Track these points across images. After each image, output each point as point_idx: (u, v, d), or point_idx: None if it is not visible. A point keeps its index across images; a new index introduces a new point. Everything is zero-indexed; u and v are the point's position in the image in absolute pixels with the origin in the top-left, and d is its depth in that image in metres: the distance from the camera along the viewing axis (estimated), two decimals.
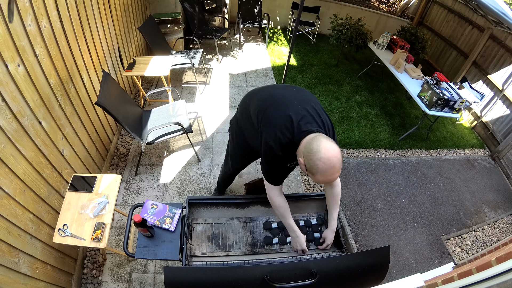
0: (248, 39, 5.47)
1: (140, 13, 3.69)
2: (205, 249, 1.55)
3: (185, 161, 2.89)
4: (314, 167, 1.15)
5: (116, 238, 2.23)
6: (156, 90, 3.10)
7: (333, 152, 1.13)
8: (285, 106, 1.34)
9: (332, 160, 1.12)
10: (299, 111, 1.31)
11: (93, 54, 2.32)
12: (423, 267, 2.48)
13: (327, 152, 1.13)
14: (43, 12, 1.60)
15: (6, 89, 1.32)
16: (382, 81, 4.87)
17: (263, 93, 1.54)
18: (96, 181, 1.83)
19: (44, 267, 1.61)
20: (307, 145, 1.19)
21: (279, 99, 1.39)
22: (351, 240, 2.53)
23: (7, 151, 1.35)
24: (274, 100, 1.40)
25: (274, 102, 1.39)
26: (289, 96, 1.40)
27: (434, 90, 3.31)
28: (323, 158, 1.12)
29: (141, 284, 2.01)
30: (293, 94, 1.43)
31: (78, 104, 2.09)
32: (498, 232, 3.00)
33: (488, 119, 4.16)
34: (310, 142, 1.18)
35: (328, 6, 5.71)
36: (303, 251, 1.55)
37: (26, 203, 1.49)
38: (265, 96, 1.48)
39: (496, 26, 4.03)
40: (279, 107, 1.35)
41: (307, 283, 1.24)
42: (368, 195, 2.96)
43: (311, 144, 1.17)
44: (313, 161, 1.15)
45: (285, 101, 1.37)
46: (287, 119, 1.28)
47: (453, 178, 3.43)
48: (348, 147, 3.49)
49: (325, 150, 1.13)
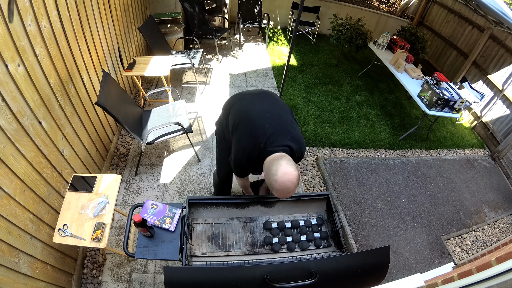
0: (248, 39, 5.47)
1: (140, 13, 3.69)
2: (205, 249, 1.55)
3: (185, 161, 2.89)
4: (271, 186, 1.31)
5: (116, 238, 2.23)
6: (156, 90, 3.10)
7: (288, 177, 1.24)
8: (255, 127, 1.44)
9: (286, 183, 1.25)
10: (268, 131, 1.40)
11: (93, 54, 2.32)
12: (423, 267, 2.48)
13: (283, 176, 1.25)
14: (43, 12, 1.60)
15: (6, 89, 1.32)
16: (382, 81, 4.87)
17: (241, 104, 1.61)
18: (96, 181, 1.83)
19: (44, 267, 1.61)
20: (268, 165, 1.33)
21: (252, 116, 1.48)
22: (351, 240, 2.53)
23: (7, 151, 1.35)
24: (248, 117, 1.50)
25: (248, 119, 1.49)
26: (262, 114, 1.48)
27: (434, 90, 3.31)
28: (278, 181, 1.25)
29: (141, 284, 2.01)
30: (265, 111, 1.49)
31: (78, 104, 2.09)
32: (498, 232, 3.00)
33: (488, 119, 4.16)
34: (271, 163, 1.31)
35: (328, 6, 5.71)
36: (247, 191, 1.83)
37: (26, 203, 1.49)
38: (241, 110, 1.56)
39: (496, 26, 4.03)
40: (250, 126, 1.45)
41: (307, 283, 1.24)
42: (368, 195, 2.96)
43: (271, 165, 1.30)
44: (270, 181, 1.30)
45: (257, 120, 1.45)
46: (256, 139, 1.39)
47: (453, 178, 3.43)
48: (348, 147, 3.49)
49: (282, 174, 1.25)
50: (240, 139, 1.48)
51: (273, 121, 1.44)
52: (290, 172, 1.25)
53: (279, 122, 1.45)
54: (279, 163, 1.28)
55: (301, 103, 3.97)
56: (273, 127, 1.42)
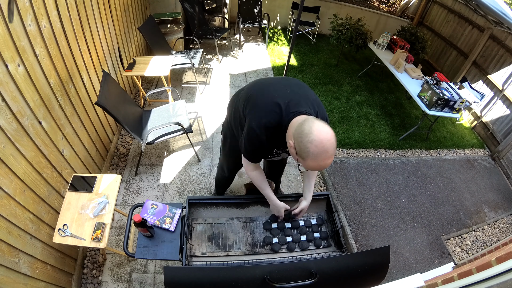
0: (248, 39, 5.47)
1: (140, 13, 3.69)
2: (205, 249, 1.55)
3: (185, 161, 2.89)
4: (305, 151, 1.06)
5: (116, 238, 2.23)
6: (156, 90, 3.10)
7: (326, 135, 1.04)
8: (272, 90, 1.28)
9: (325, 143, 1.03)
10: (287, 94, 1.24)
11: (93, 54, 2.32)
12: (423, 267, 2.48)
13: (320, 135, 1.03)
14: (43, 12, 1.60)
15: (6, 89, 1.32)
16: (382, 81, 4.87)
17: (249, 85, 1.51)
18: (96, 181, 1.83)
19: (44, 267, 1.61)
20: (298, 126, 1.10)
21: (265, 85, 1.36)
22: (351, 240, 2.53)
23: (7, 151, 1.35)
24: (260, 86, 1.36)
25: (260, 88, 1.35)
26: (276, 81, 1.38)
27: (434, 90, 3.31)
28: (315, 141, 1.03)
29: (141, 284, 2.01)
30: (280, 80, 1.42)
31: (78, 104, 2.09)
32: (498, 232, 3.00)
33: (488, 119, 4.16)
34: (302, 123, 1.09)
35: (328, 6, 5.71)
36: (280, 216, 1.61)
37: (26, 203, 1.49)
38: (252, 86, 1.44)
39: (496, 26, 4.03)
40: (264, 92, 1.30)
41: (307, 283, 1.24)
42: (368, 195, 2.96)
43: (302, 125, 1.08)
44: (303, 144, 1.05)
45: (271, 86, 1.32)
46: (274, 102, 1.21)
47: (453, 178, 3.43)
48: (348, 147, 3.49)
49: (318, 132, 1.04)
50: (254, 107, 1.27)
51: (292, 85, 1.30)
52: (327, 130, 1.05)
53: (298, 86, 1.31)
54: (312, 121, 1.07)
55: None
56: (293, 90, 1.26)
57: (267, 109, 1.22)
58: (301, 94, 1.26)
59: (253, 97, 1.31)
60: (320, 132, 1.04)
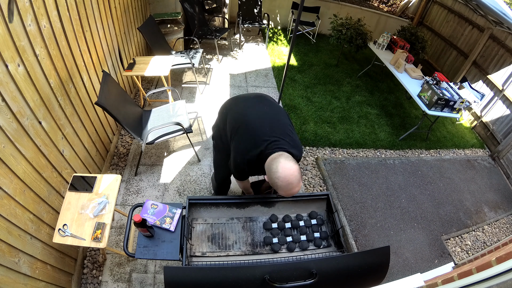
0: (248, 39, 5.47)
1: (140, 13, 3.69)
2: (205, 249, 1.55)
3: (185, 161, 2.89)
4: (275, 184, 1.31)
5: (116, 238, 2.23)
6: (156, 90, 3.10)
7: (289, 171, 1.27)
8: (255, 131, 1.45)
9: (288, 178, 1.26)
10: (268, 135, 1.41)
11: (93, 54, 2.32)
12: (423, 267, 2.48)
13: (284, 171, 1.27)
14: (43, 12, 1.60)
15: (6, 89, 1.32)
16: (382, 81, 4.87)
17: (238, 109, 1.60)
18: (96, 181, 1.83)
19: (44, 267, 1.61)
20: (268, 165, 1.34)
21: (252, 121, 1.49)
22: (351, 240, 2.53)
23: (7, 151, 1.34)
24: (247, 121, 1.49)
25: (247, 123, 1.49)
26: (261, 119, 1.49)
27: (434, 90, 3.31)
28: (280, 177, 1.27)
29: (141, 284, 2.01)
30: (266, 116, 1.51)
31: (78, 104, 2.09)
32: (498, 232, 3.00)
33: (488, 119, 4.16)
34: (271, 162, 1.33)
35: (328, 6, 5.71)
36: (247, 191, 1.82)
37: (26, 203, 1.49)
38: (240, 114, 1.56)
39: (496, 26, 4.03)
40: (250, 130, 1.46)
41: (307, 283, 1.24)
42: (368, 195, 2.96)
43: (271, 164, 1.32)
44: (273, 180, 1.31)
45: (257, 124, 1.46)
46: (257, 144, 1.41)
47: (453, 178, 3.43)
48: (348, 147, 3.49)
49: (282, 170, 1.27)
50: (239, 144, 1.49)
51: (273, 126, 1.46)
52: (290, 167, 1.28)
53: (278, 126, 1.47)
54: (278, 161, 1.30)
55: (301, 103, 3.97)
56: (273, 130, 1.43)
57: (251, 147, 1.43)
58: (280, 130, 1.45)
59: (240, 132, 1.48)
60: (284, 169, 1.28)
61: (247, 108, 1.57)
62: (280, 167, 1.28)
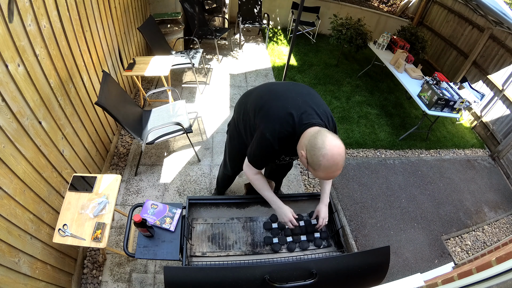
0: (248, 39, 5.47)
1: (140, 13, 3.69)
2: (205, 249, 1.55)
3: (185, 161, 2.89)
4: (317, 163, 1.12)
5: (116, 238, 2.23)
6: (156, 90, 3.10)
7: (337, 150, 1.09)
8: (284, 99, 1.31)
9: (336, 157, 1.09)
10: (299, 104, 1.27)
11: (93, 54, 2.32)
12: (423, 267, 2.48)
13: (332, 149, 1.08)
14: (43, 12, 1.60)
15: (6, 89, 1.32)
16: (382, 81, 4.87)
17: (260, 89, 1.51)
18: (96, 181, 1.83)
19: (44, 267, 1.61)
20: (311, 139, 1.15)
21: (277, 93, 1.37)
22: (351, 240, 2.53)
23: (7, 151, 1.35)
24: (273, 94, 1.37)
25: (273, 96, 1.36)
26: (287, 90, 1.38)
27: (434, 90, 3.31)
28: (327, 155, 1.09)
29: (141, 284, 2.01)
30: (291, 88, 1.41)
31: (78, 104, 2.09)
32: (498, 232, 3.00)
33: (488, 119, 4.16)
34: (315, 136, 1.14)
35: (328, 6, 5.71)
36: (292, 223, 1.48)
37: (26, 203, 1.49)
38: (263, 92, 1.45)
39: (496, 26, 4.03)
40: (277, 101, 1.32)
41: (307, 283, 1.24)
42: (368, 195, 2.96)
43: (315, 138, 1.13)
44: (316, 157, 1.11)
45: (284, 95, 1.34)
46: (287, 112, 1.24)
47: (453, 178, 3.43)
48: (348, 147, 3.49)
49: (330, 147, 1.09)
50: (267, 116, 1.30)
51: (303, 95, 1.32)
52: (339, 144, 1.10)
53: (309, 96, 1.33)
54: (324, 135, 1.12)
55: None
56: (304, 100, 1.29)
57: (281, 119, 1.25)
58: (313, 104, 1.29)
59: (266, 106, 1.32)
60: (332, 146, 1.09)
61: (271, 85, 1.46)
62: (328, 143, 1.09)
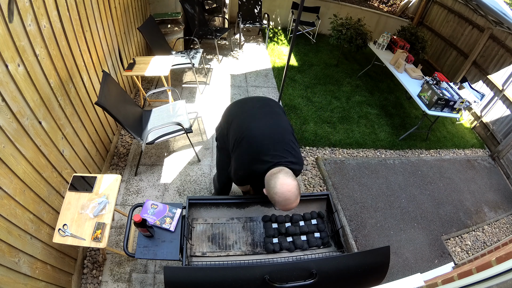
0: (248, 39, 5.47)
1: (140, 13, 3.69)
2: (205, 249, 1.55)
3: (185, 161, 2.89)
4: (273, 199, 1.34)
5: (116, 238, 2.23)
6: (156, 90, 3.10)
7: (287, 187, 1.29)
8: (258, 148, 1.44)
9: (286, 194, 1.28)
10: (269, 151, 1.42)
11: (93, 54, 2.32)
12: (423, 267, 2.48)
13: (282, 188, 1.29)
14: (43, 12, 1.60)
15: (6, 89, 1.32)
16: (382, 81, 4.87)
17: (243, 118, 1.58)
18: (96, 181, 1.83)
19: (44, 267, 1.61)
20: (267, 180, 1.37)
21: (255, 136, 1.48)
22: (351, 240, 2.53)
23: (7, 151, 1.34)
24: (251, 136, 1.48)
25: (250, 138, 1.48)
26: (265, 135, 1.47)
27: (434, 90, 3.31)
28: (278, 193, 1.30)
29: (141, 284, 2.01)
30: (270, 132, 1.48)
31: (78, 104, 2.09)
32: (498, 232, 3.00)
33: (488, 119, 4.16)
34: (270, 178, 1.35)
35: (328, 6, 5.71)
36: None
37: (26, 203, 1.49)
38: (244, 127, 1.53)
39: (496, 26, 4.03)
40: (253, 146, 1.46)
41: (307, 283, 1.24)
42: (368, 195, 2.96)
43: (270, 180, 1.35)
44: (271, 195, 1.33)
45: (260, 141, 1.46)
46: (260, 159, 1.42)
47: (453, 178, 3.43)
48: (348, 147, 3.49)
49: (280, 186, 1.29)
50: (241, 157, 1.50)
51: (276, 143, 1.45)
52: (288, 183, 1.29)
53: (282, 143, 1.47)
54: (277, 176, 1.33)
55: (301, 103, 3.97)
56: (276, 149, 1.43)
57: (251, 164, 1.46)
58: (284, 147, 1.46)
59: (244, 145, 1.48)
60: (282, 186, 1.30)
61: (252, 120, 1.55)
62: (279, 183, 1.30)
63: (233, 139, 1.54)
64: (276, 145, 1.44)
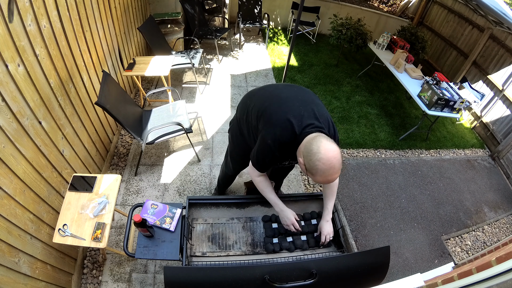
0: (248, 39, 5.47)
1: (140, 13, 3.69)
2: (205, 249, 1.55)
3: (185, 161, 2.89)
4: (314, 168, 1.15)
5: (116, 238, 2.23)
6: (156, 90, 3.10)
7: (332, 153, 1.13)
8: (286, 106, 1.34)
9: (331, 161, 1.12)
10: (300, 112, 1.30)
11: (93, 54, 2.32)
12: (423, 267, 2.48)
13: (327, 153, 1.12)
14: (43, 12, 1.60)
15: (6, 89, 1.32)
16: (382, 81, 4.87)
17: (263, 92, 1.53)
18: (96, 181, 1.83)
19: (44, 267, 1.61)
20: (307, 145, 1.20)
21: (280, 99, 1.39)
22: (351, 240, 2.53)
23: (7, 151, 1.35)
24: (275, 99, 1.39)
25: (275, 101, 1.38)
26: (290, 96, 1.39)
27: (434, 90, 3.31)
28: (322, 159, 1.12)
29: (141, 284, 2.01)
30: (294, 94, 1.42)
31: (78, 104, 2.09)
32: (498, 232, 3.00)
33: (488, 119, 4.16)
34: (310, 142, 1.18)
35: (328, 6, 5.71)
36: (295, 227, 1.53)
37: (26, 203, 1.49)
38: (266, 95, 1.47)
39: (496, 26, 4.03)
40: (280, 108, 1.34)
41: (307, 283, 1.24)
42: (368, 195, 2.96)
43: (311, 144, 1.17)
44: (312, 162, 1.15)
45: (286, 102, 1.36)
46: (288, 120, 1.28)
47: (453, 178, 3.42)
48: (348, 147, 3.49)
49: (325, 151, 1.13)
50: (269, 122, 1.34)
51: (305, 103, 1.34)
52: (334, 149, 1.14)
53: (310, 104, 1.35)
54: (319, 140, 1.17)
55: None
56: (306, 108, 1.32)
57: (282, 126, 1.29)
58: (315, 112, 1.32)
59: (268, 112, 1.36)
60: (327, 150, 1.13)
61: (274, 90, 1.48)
62: (323, 148, 1.13)
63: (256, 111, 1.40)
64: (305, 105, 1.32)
